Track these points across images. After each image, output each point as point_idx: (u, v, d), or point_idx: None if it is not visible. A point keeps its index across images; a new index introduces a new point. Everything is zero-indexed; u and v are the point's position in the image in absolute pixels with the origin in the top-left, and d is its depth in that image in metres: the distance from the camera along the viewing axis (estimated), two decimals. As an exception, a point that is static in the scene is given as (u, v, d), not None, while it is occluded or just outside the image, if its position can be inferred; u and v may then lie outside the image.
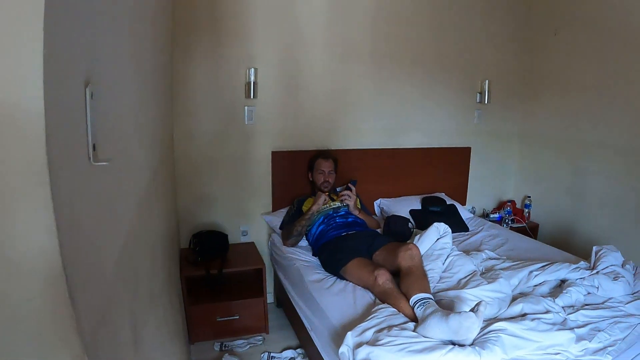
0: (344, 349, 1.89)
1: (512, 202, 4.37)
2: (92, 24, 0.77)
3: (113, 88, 0.97)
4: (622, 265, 2.56)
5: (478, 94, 4.21)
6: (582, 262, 2.69)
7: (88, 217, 0.74)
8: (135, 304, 1.17)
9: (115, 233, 0.95)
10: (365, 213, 3.44)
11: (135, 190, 1.26)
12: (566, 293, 2.30)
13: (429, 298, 2.15)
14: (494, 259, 2.92)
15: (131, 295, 1.13)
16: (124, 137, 1.08)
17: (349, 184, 3.30)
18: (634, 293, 2.41)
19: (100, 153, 0.77)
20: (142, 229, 1.43)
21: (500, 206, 4.44)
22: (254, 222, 3.64)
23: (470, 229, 3.69)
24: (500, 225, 4.01)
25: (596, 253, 2.66)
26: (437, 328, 1.88)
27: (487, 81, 4.15)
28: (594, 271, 2.51)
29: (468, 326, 1.82)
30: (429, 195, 4.00)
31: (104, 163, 0.75)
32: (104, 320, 0.82)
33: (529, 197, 4.32)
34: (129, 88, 1.19)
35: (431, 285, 2.36)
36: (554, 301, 2.21)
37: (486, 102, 4.19)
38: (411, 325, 2.03)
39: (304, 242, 3.28)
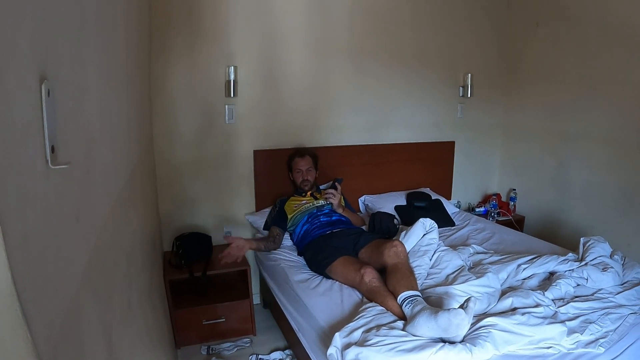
0: (332, 350, 1.85)
1: (497, 195, 4.36)
2: (45, 16, 0.71)
3: (77, 86, 0.91)
4: (611, 256, 2.56)
5: (460, 88, 4.20)
6: (570, 254, 2.68)
7: (45, 224, 0.67)
8: (110, 314, 1.11)
9: (82, 241, 0.89)
10: (349, 210, 3.40)
11: (106, 193, 1.19)
12: (555, 285, 2.29)
13: (417, 295, 2.12)
14: (482, 253, 2.90)
15: (105, 306, 1.07)
16: (91, 138, 1.01)
17: (335, 182, 3.25)
18: (623, 283, 2.41)
19: (61, 155, 0.71)
20: (118, 234, 1.37)
21: (485, 200, 4.43)
22: (237, 222, 3.58)
23: (456, 224, 3.68)
24: (486, 218, 4.00)
25: (584, 244, 2.65)
26: (426, 326, 1.85)
27: (469, 75, 4.14)
28: (583, 263, 2.51)
29: (457, 323, 1.79)
30: (414, 190, 3.97)
31: (64, 166, 0.69)
32: (68, 337, 0.76)
33: (514, 189, 4.32)
34: (98, 87, 1.13)
35: (419, 281, 2.33)
36: (544, 294, 2.19)
37: (469, 95, 4.18)
38: (400, 323, 2.00)
39: (288, 242, 3.23)
